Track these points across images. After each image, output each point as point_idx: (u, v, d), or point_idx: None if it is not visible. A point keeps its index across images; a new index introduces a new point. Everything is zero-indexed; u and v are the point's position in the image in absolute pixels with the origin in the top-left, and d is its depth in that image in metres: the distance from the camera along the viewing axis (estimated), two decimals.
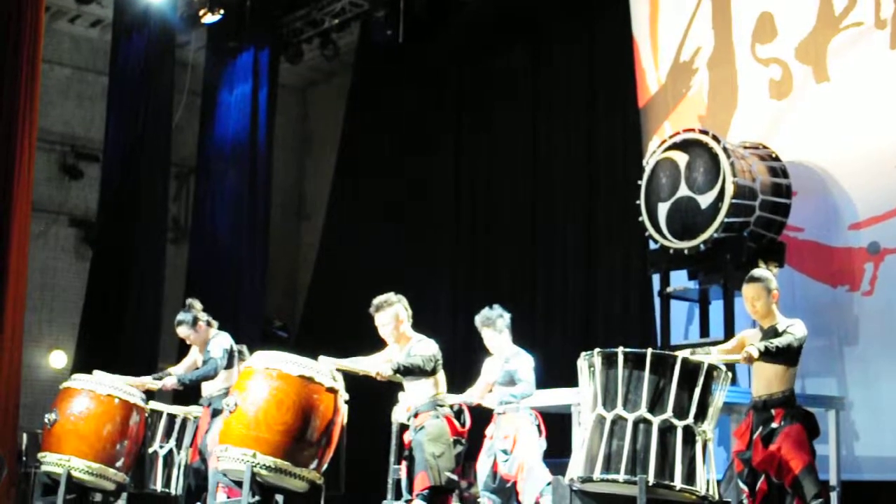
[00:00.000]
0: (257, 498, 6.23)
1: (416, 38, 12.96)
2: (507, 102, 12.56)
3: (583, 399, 5.53)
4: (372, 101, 14.14)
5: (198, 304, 8.06)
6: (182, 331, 8.08)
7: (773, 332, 5.91)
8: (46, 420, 7.56)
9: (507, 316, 7.48)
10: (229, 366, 7.71)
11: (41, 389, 13.72)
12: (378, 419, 8.17)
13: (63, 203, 15.06)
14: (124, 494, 7.67)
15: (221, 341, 7.87)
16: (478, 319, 7.48)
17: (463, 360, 9.58)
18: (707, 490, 5.28)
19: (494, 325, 7.43)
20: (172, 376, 7.93)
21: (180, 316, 8.07)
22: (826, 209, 8.75)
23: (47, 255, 14.81)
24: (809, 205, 8.76)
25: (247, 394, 6.29)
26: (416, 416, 6.81)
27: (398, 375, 6.68)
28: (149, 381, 7.86)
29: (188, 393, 8.65)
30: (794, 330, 5.86)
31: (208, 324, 8.06)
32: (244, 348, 7.91)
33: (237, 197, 14.20)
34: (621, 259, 10.93)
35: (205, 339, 8.06)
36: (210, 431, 7.62)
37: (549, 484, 6.98)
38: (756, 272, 6.08)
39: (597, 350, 5.44)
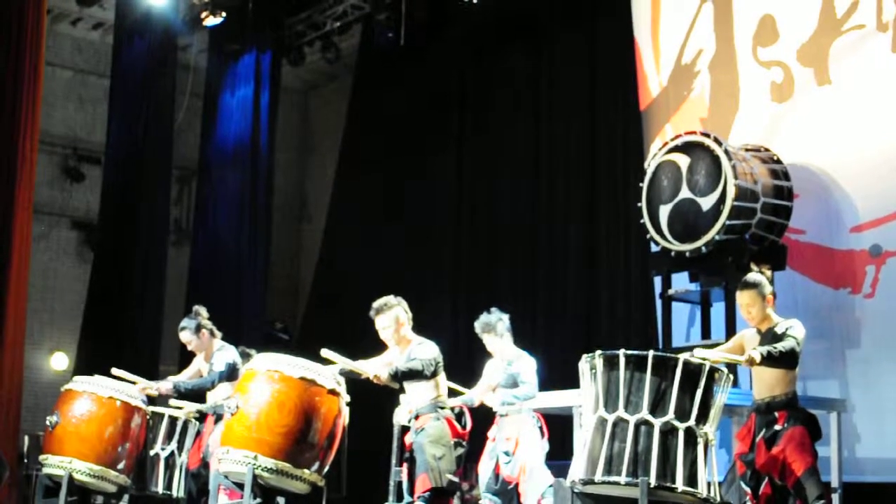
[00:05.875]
0: (258, 500, 6.24)
1: (418, 40, 12.97)
2: (508, 105, 12.56)
3: (584, 401, 5.53)
4: (373, 104, 14.15)
5: (204, 312, 8.11)
6: (184, 336, 8.13)
7: (771, 335, 5.91)
8: (48, 422, 7.57)
9: (505, 318, 7.47)
10: (232, 378, 7.70)
11: (42, 392, 13.74)
12: (379, 421, 8.17)
13: (65, 205, 15.07)
14: (126, 497, 7.68)
15: (226, 355, 7.93)
16: (477, 326, 7.47)
17: (464, 362, 9.56)
18: (709, 492, 5.27)
19: (495, 329, 7.43)
20: (169, 381, 7.96)
21: (184, 322, 8.13)
22: (828, 212, 8.74)
23: (49, 257, 14.83)
24: (811, 207, 8.76)
25: (248, 396, 6.29)
26: (416, 417, 6.81)
27: (395, 381, 6.66)
28: (145, 384, 7.86)
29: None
30: (795, 332, 5.86)
31: (212, 333, 8.10)
32: (253, 351, 7.93)
33: (239, 199, 14.22)
34: (623, 261, 10.92)
35: (206, 347, 8.09)
36: (213, 434, 7.64)
37: (550, 486, 6.99)
38: (749, 277, 6.06)
39: (598, 352, 5.43)
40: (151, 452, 8.29)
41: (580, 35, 11.77)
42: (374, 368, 6.66)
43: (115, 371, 7.90)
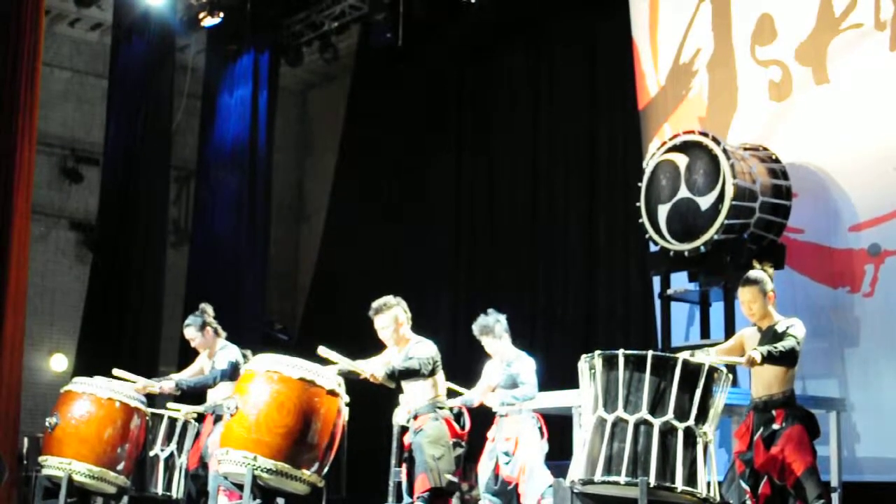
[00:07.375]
0: (258, 501, 6.24)
1: (416, 40, 12.96)
2: (506, 105, 12.56)
3: (584, 401, 5.52)
4: (371, 104, 14.15)
5: (210, 311, 8.14)
6: (188, 332, 8.15)
7: (772, 333, 5.91)
8: (47, 424, 7.56)
9: (503, 319, 7.47)
10: (234, 377, 7.70)
11: (42, 393, 13.73)
12: (379, 421, 8.17)
13: (63, 206, 15.07)
14: (125, 498, 7.67)
15: (229, 354, 7.94)
16: (475, 329, 7.47)
17: (463, 362, 9.56)
18: (708, 492, 5.27)
19: (493, 331, 7.42)
20: (171, 380, 7.96)
21: (190, 319, 8.15)
22: (826, 211, 8.74)
23: (48, 258, 14.82)
24: (810, 206, 8.76)
25: (248, 397, 6.29)
26: (415, 417, 6.81)
27: (392, 380, 6.65)
28: (147, 384, 7.86)
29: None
30: (795, 331, 5.86)
31: (216, 332, 8.12)
32: (248, 353, 7.94)
33: (237, 199, 14.21)
34: (622, 261, 10.93)
35: (210, 345, 8.11)
36: (212, 435, 7.64)
37: (550, 486, 6.99)
38: (751, 274, 6.07)
39: (597, 352, 5.43)
40: (151, 453, 8.29)
41: (579, 34, 11.78)
42: (372, 368, 6.66)
43: (116, 371, 7.90)
